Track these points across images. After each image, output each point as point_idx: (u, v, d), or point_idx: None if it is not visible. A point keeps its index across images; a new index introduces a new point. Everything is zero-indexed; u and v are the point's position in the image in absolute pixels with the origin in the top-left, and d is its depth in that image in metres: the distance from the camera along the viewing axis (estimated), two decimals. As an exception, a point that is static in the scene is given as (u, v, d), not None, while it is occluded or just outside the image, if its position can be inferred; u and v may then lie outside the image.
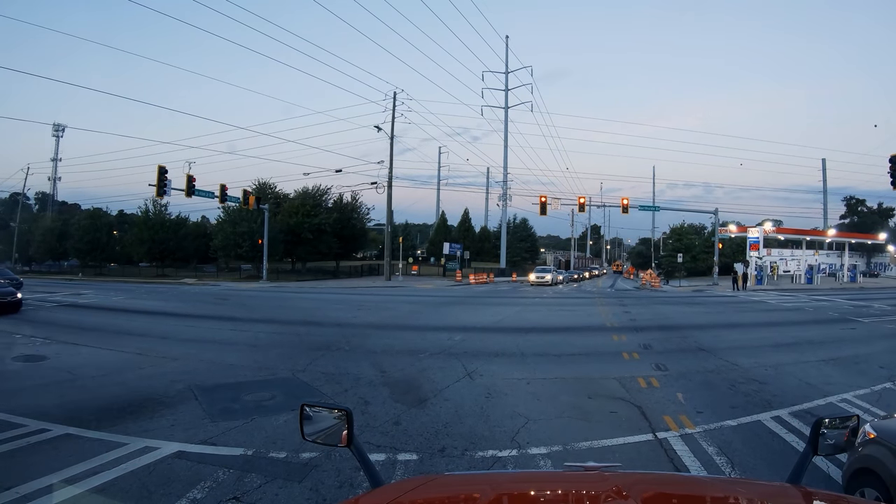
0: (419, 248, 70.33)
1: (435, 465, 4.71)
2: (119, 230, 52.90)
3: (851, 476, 3.32)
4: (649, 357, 9.83)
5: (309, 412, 1.87)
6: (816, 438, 1.77)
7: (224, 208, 41.60)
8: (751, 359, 9.57)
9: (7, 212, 59.68)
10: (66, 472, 4.41)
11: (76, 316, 15.96)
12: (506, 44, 52.54)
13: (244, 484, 4.25)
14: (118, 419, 5.90)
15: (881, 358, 9.84)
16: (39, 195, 70.79)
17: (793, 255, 50.15)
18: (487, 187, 67.35)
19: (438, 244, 56.07)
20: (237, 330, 13.19)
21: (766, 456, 4.95)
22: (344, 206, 49.18)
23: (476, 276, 41.64)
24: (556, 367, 9.13)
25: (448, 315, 17.40)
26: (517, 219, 66.23)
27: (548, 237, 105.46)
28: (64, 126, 63.52)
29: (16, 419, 5.77)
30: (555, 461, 4.79)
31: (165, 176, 27.73)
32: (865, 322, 15.76)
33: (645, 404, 6.64)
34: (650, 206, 45.65)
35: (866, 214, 60.80)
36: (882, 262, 57.54)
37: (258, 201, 37.17)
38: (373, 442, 5.22)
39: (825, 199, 57.90)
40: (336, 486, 4.22)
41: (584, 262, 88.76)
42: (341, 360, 9.39)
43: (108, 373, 8.26)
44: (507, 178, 51.95)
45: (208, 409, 6.32)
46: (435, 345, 10.96)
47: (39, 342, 11.07)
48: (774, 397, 6.99)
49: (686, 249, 50.68)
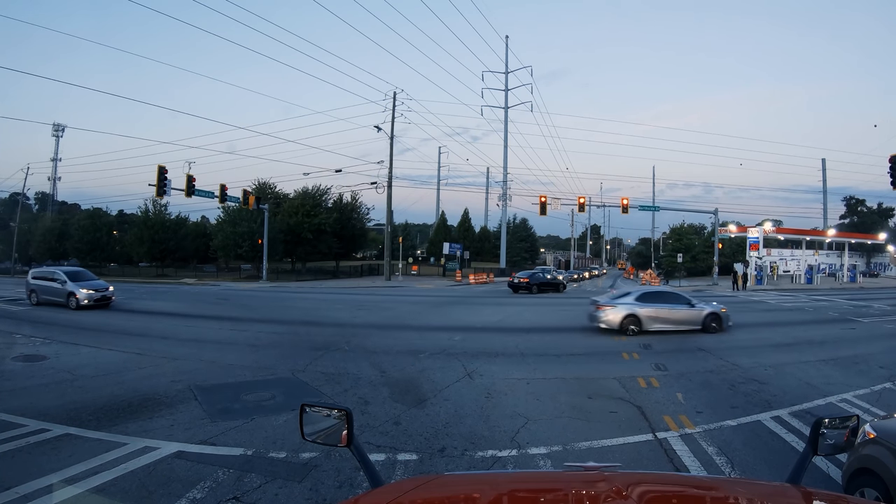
0: (419, 248, 70.33)
1: (435, 465, 4.71)
2: (119, 230, 52.84)
3: (851, 476, 3.32)
4: (649, 357, 9.83)
5: (309, 412, 1.88)
6: (816, 438, 1.77)
7: (224, 208, 41.55)
8: (750, 359, 9.57)
9: (7, 212, 59.59)
10: (66, 472, 4.41)
11: (76, 316, 15.95)
12: (506, 44, 52.55)
13: (244, 484, 4.25)
14: (118, 419, 5.90)
15: (881, 358, 9.85)
16: (39, 195, 70.81)
17: (793, 255, 50.13)
18: (487, 187, 67.40)
19: (438, 244, 56.06)
20: (237, 330, 13.19)
21: (765, 456, 4.95)
22: (344, 206, 49.16)
23: (476, 276, 41.61)
24: (555, 366, 9.13)
25: (448, 315, 17.41)
26: (517, 219, 66.36)
27: (548, 237, 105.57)
28: (64, 126, 63.52)
29: (16, 419, 5.78)
30: (555, 461, 4.79)
31: (165, 176, 27.70)
32: (865, 322, 15.76)
33: (645, 404, 6.64)
34: (650, 206, 45.58)
35: (866, 214, 60.77)
36: (882, 262, 57.52)
37: (258, 201, 37.15)
38: (373, 442, 5.22)
39: (825, 199, 57.98)
40: (336, 486, 4.22)
41: (584, 262, 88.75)
42: (341, 360, 9.39)
43: (108, 373, 8.26)
44: (506, 178, 51.96)
45: (208, 409, 6.32)
46: (435, 345, 10.96)
47: (39, 342, 11.07)
48: (774, 397, 7.00)
49: (686, 249, 50.62)
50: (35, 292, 18.65)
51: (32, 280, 19.25)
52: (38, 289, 18.56)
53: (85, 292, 17.60)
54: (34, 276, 19.44)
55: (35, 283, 18.93)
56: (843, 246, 50.88)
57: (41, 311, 17.05)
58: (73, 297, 17.43)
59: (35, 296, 18.58)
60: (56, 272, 19.02)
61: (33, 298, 18.61)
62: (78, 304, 17.24)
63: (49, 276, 18.89)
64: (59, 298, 17.78)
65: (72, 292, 17.50)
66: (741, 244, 46.35)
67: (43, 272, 19.95)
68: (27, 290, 19.18)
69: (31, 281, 19.28)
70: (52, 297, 17.98)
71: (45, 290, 18.33)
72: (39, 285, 18.66)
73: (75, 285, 17.72)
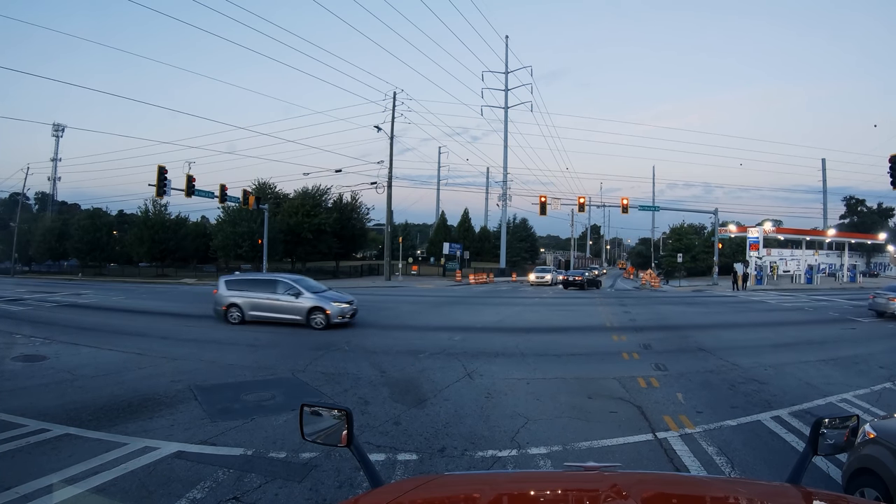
0: (419, 248, 70.24)
1: (435, 465, 4.71)
2: (119, 230, 52.80)
3: (851, 476, 3.33)
4: (649, 357, 9.83)
5: (309, 412, 1.88)
6: (816, 438, 1.77)
7: (224, 208, 41.55)
8: (750, 359, 9.57)
9: (7, 212, 59.56)
10: (66, 472, 4.41)
11: (76, 316, 15.95)
12: (506, 44, 52.51)
13: (244, 484, 4.25)
14: (118, 419, 5.90)
15: (881, 358, 9.85)
16: (39, 195, 70.78)
17: (793, 255, 50.10)
18: (487, 187, 67.33)
19: (438, 244, 56.01)
20: (237, 330, 13.19)
21: (765, 456, 4.95)
22: (344, 206, 49.16)
23: (476, 276, 41.60)
24: (555, 366, 9.13)
25: (448, 315, 17.41)
26: (517, 219, 66.25)
27: (548, 237, 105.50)
28: (64, 126, 63.55)
29: (16, 419, 5.78)
30: (555, 461, 4.79)
31: (165, 176, 27.67)
32: (865, 322, 15.77)
33: (645, 404, 6.64)
34: (650, 206, 45.55)
35: (866, 214, 60.78)
36: (882, 262, 57.50)
37: (258, 201, 37.10)
38: (373, 442, 5.22)
39: (825, 199, 57.95)
40: (336, 486, 4.22)
41: (583, 262, 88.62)
42: (341, 360, 9.39)
43: (108, 373, 8.26)
44: (506, 178, 51.93)
45: (208, 409, 6.32)
46: (435, 345, 10.96)
47: (39, 342, 11.07)
48: (774, 397, 7.00)
49: (686, 249, 50.63)
50: (237, 308, 13.91)
51: (230, 291, 14.17)
52: (247, 304, 13.87)
53: (337, 307, 13.62)
54: (233, 286, 14.35)
55: (236, 294, 14.05)
56: (843, 246, 50.88)
57: (41, 312, 17.04)
58: (319, 313, 13.35)
59: (237, 312, 13.89)
60: (280, 280, 14.50)
61: (233, 316, 13.89)
62: (328, 322, 13.26)
63: (266, 285, 14.38)
64: (288, 316, 13.56)
65: (317, 308, 13.43)
66: (741, 244, 46.34)
67: (251, 280, 15.24)
68: (220, 306, 14.10)
69: (226, 293, 14.18)
70: (274, 315, 13.68)
71: (262, 307, 13.80)
72: (249, 299, 13.92)
73: (320, 298, 13.77)
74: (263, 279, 15.44)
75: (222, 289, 14.43)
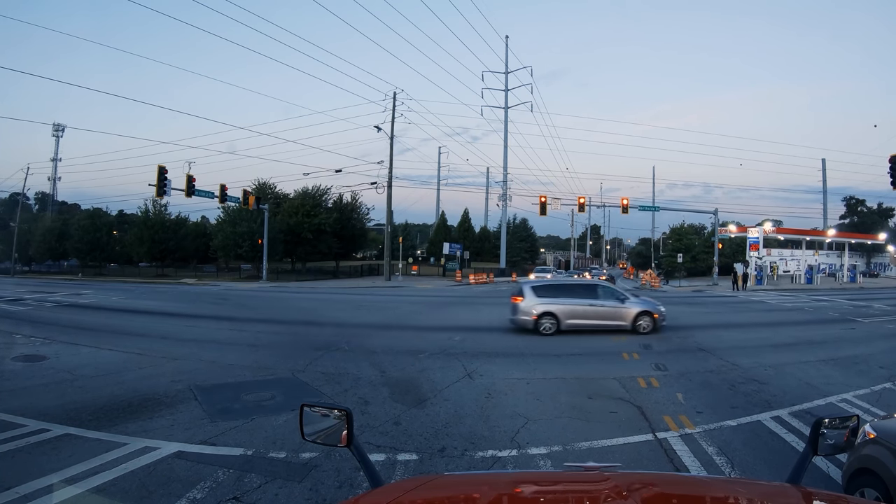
0: (419, 248, 70.26)
1: (435, 466, 4.72)
2: (119, 230, 52.83)
3: (851, 476, 3.32)
4: (649, 357, 9.83)
5: (309, 412, 1.88)
6: (816, 438, 1.77)
7: (224, 208, 41.57)
8: (751, 359, 9.57)
9: (7, 212, 59.60)
10: (66, 472, 4.41)
11: (76, 316, 15.95)
12: (506, 44, 52.56)
13: (244, 484, 4.25)
14: (118, 419, 5.90)
15: (881, 358, 9.85)
16: (39, 195, 70.85)
17: (793, 256, 50.12)
18: (487, 187, 67.40)
19: (438, 244, 56.05)
20: (237, 330, 13.20)
21: (765, 456, 4.95)
22: (344, 206, 49.18)
23: (476, 277, 41.59)
24: (555, 366, 9.14)
25: (448, 315, 17.41)
26: (517, 219, 66.27)
27: (548, 237, 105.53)
28: (64, 126, 63.61)
29: (16, 419, 5.78)
30: (555, 461, 4.79)
31: (165, 176, 27.73)
32: (865, 322, 15.76)
33: (645, 404, 6.64)
34: (650, 206, 45.61)
35: (866, 214, 60.78)
36: (882, 262, 57.49)
37: (258, 201, 37.16)
38: (373, 442, 5.22)
39: (825, 199, 58.00)
40: (336, 486, 4.22)
41: (584, 262, 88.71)
42: (341, 360, 9.39)
43: (108, 373, 8.26)
44: (506, 178, 52.00)
45: (208, 409, 6.32)
46: (435, 345, 10.96)
47: (39, 342, 11.06)
48: (774, 397, 7.00)
49: (686, 249, 50.61)
50: (551, 316, 12.42)
51: (541, 298, 12.68)
52: (564, 312, 12.47)
53: (663, 310, 13.00)
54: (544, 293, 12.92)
55: (550, 302, 12.59)
56: (843, 246, 50.89)
57: (41, 312, 17.04)
58: (645, 317, 12.56)
59: (551, 321, 12.38)
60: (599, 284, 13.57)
61: (545, 327, 12.36)
62: (654, 326, 12.53)
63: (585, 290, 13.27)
64: (613, 322, 12.57)
65: (644, 312, 12.64)
66: (741, 244, 46.35)
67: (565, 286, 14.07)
68: (529, 316, 12.50)
69: (535, 301, 12.64)
70: (596, 322, 12.57)
71: (582, 314, 12.59)
72: (566, 306, 12.55)
73: (644, 302, 13.21)
74: (580, 284, 14.94)
75: (530, 296, 12.77)
